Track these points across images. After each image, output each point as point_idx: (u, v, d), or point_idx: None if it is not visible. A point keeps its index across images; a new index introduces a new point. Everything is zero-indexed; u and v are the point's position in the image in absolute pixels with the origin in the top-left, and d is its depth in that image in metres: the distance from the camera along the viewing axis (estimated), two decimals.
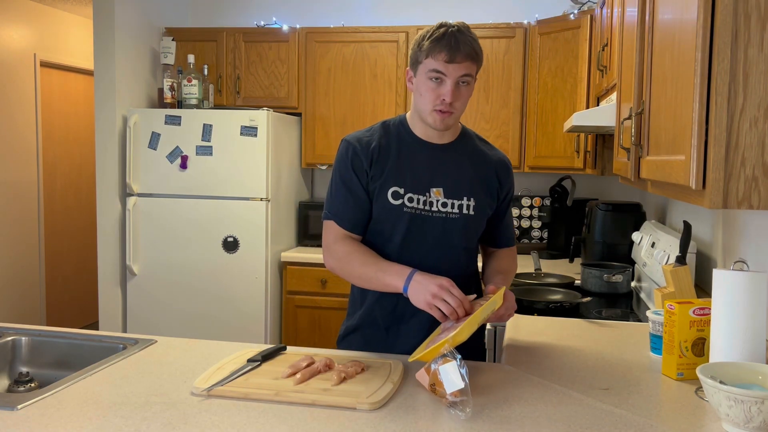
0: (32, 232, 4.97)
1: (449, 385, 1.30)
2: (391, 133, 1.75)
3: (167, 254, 3.66)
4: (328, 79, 3.89)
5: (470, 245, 1.79)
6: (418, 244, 1.72)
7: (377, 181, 1.71)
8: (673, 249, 2.10)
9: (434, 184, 1.71)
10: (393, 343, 1.76)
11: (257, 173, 3.56)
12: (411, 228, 1.71)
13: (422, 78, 1.64)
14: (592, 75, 3.28)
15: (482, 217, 1.77)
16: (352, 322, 1.84)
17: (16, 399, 1.33)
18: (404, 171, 1.71)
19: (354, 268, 1.70)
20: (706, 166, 1.09)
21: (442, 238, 1.72)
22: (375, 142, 1.72)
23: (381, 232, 1.74)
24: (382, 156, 1.71)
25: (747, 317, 1.36)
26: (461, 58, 1.60)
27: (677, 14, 1.28)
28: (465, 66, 1.61)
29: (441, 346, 1.38)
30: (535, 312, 2.26)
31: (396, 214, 1.70)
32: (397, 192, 1.70)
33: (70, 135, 5.43)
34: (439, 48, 1.59)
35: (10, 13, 4.70)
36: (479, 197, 1.74)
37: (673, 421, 1.28)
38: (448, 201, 1.72)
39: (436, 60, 1.60)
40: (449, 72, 1.61)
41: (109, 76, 3.70)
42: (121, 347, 1.73)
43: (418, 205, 1.70)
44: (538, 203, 3.94)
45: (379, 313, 1.78)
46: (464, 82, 1.63)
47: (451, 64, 1.60)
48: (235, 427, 1.21)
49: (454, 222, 1.72)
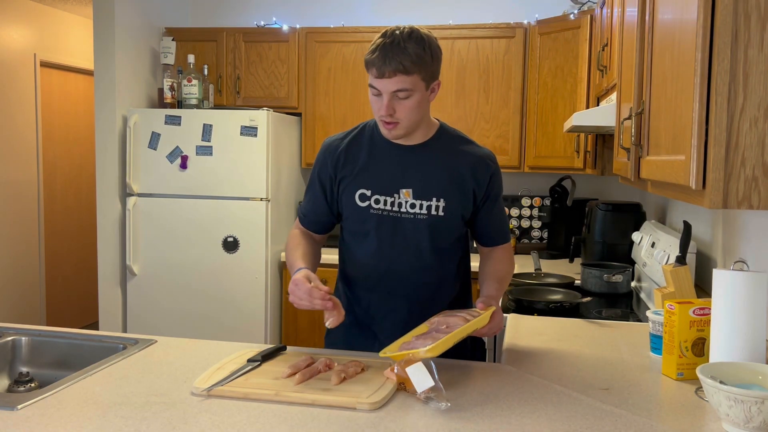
0: (32, 232, 4.97)
1: (419, 385, 1.33)
2: (365, 134, 1.78)
3: (167, 254, 3.66)
4: (328, 79, 3.89)
5: (442, 246, 1.77)
6: (389, 245, 1.74)
7: (345, 182, 1.75)
8: (673, 249, 2.10)
9: (404, 185, 1.72)
10: (372, 343, 1.77)
11: (257, 173, 3.56)
12: (380, 229, 1.73)
13: (369, 89, 1.66)
14: (592, 75, 3.28)
15: (454, 218, 1.75)
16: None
17: (16, 399, 1.33)
18: (373, 173, 1.73)
19: (286, 257, 1.78)
20: (706, 166, 1.09)
21: (411, 239, 1.74)
22: (343, 146, 1.76)
23: (357, 233, 1.78)
24: (349, 159, 1.75)
25: (747, 317, 1.36)
26: (390, 72, 1.57)
27: (677, 14, 1.28)
28: (396, 80, 1.57)
29: (406, 355, 1.40)
30: (535, 312, 2.26)
31: (364, 215, 1.74)
32: (364, 194, 1.73)
33: (70, 135, 5.43)
34: (371, 63, 1.59)
35: (10, 13, 4.70)
36: (451, 198, 1.73)
37: (673, 421, 1.28)
38: (417, 202, 1.72)
39: (371, 74, 1.60)
40: (381, 87, 1.60)
41: (109, 76, 3.70)
42: (121, 347, 1.73)
43: (385, 207, 1.72)
44: (538, 203, 3.94)
45: (357, 312, 1.82)
46: (402, 96, 1.60)
47: (380, 79, 1.59)
48: (235, 427, 1.21)
49: (422, 223, 1.72)
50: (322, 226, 1.84)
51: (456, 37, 3.74)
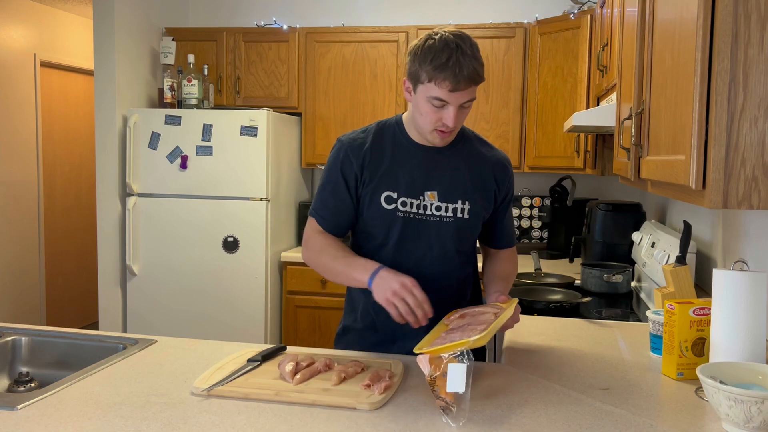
0: (32, 232, 4.97)
1: (451, 385, 1.27)
2: (386, 135, 1.73)
3: (167, 254, 3.66)
4: (328, 79, 3.89)
5: (465, 249, 1.77)
6: (412, 248, 1.71)
7: (370, 184, 1.69)
8: (673, 249, 2.10)
9: (428, 187, 1.70)
10: (390, 345, 1.75)
11: (257, 173, 3.56)
12: (405, 232, 1.70)
13: (422, 98, 1.58)
14: (592, 75, 3.28)
15: (477, 220, 1.75)
16: (349, 322, 1.84)
17: (16, 399, 1.33)
18: (398, 174, 1.69)
19: (325, 261, 1.70)
20: (706, 166, 1.09)
21: (436, 241, 1.71)
22: (368, 144, 1.70)
23: (375, 236, 1.73)
24: (374, 159, 1.69)
25: (747, 317, 1.36)
26: (465, 85, 1.53)
27: (677, 14, 1.28)
28: (469, 92, 1.55)
29: (459, 345, 1.33)
30: (535, 312, 2.26)
31: (389, 218, 1.69)
32: (390, 196, 1.69)
33: (70, 135, 5.43)
34: (444, 76, 1.51)
35: (10, 13, 4.70)
36: (474, 200, 1.73)
37: (673, 421, 1.28)
38: (442, 204, 1.70)
39: (440, 87, 1.53)
40: (453, 100, 1.55)
41: (109, 76, 3.70)
42: (121, 347, 1.73)
43: (411, 209, 1.69)
44: (538, 203, 3.94)
45: (375, 314, 1.77)
46: (467, 105, 1.59)
47: (455, 92, 1.54)
48: (235, 427, 1.21)
49: (448, 226, 1.71)
50: (346, 229, 1.76)
51: None
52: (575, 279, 2.87)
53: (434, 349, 1.37)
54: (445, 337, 1.46)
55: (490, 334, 1.40)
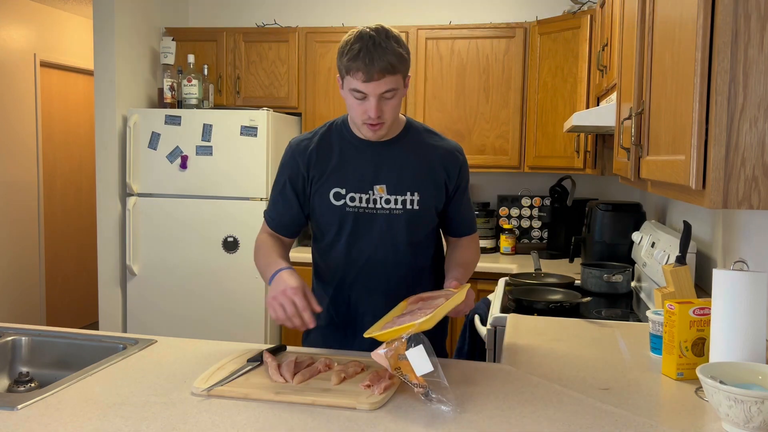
0: (32, 232, 4.97)
1: (419, 369, 1.30)
2: (333, 133, 1.78)
3: (167, 254, 3.66)
4: (328, 79, 3.88)
5: (417, 239, 1.79)
6: (364, 242, 1.75)
7: (317, 182, 1.74)
8: (673, 249, 2.10)
9: (377, 181, 1.73)
10: (351, 342, 1.78)
11: (257, 173, 3.56)
12: (355, 227, 1.74)
13: (347, 92, 1.63)
14: (592, 75, 3.28)
15: (428, 211, 1.77)
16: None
17: (16, 399, 1.33)
18: (346, 171, 1.73)
19: (257, 261, 1.78)
20: (706, 166, 1.09)
21: (387, 234, 1.75)
22: (314, 144, 1.76)
23: (328, 232, 1.78)
24: (321, 158, 1.74)
25: (747, 317, 1.36)
26: (378, 74, 1.56)
27: (677, 14, 1.28)
28: (385, 81, 1.57)
29: (405, 329, 1.36)
30: (535, 312, 2.26)
31: (339, 214, 1.74)
32: (339, 192, 1.73)
33: (70, 135, 5.43)
34: (356, 67, 1.56)
35: (10, 13, 4.70)
36: (425, 191, 1.75)
37: (673, 421, 1.28)
38: (391, 197, 1.73)
39: (355, 78, 1.57)
40: (369, 90, 1.58)
41: (109, 76, 3.70)
42: (121, 347, 1.73)
43: (360, 204, 1.73)
44: (538, 203, 3.94)
45: (334, 312, 1.82)
46: (388, 96, 1.61)
47: (369, 83, 1.57)
48: (235, 427, 1.21)
49: (398, 218, 1.74)
50: (294, 229, 1.83)
51: (456, 37, 3.73)
52: (575, 279, 2.86)
53: (383, 332, 1.40)
54: (394, 321, 1.49)
55: (435, 317, 1.42)
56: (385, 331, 1.40)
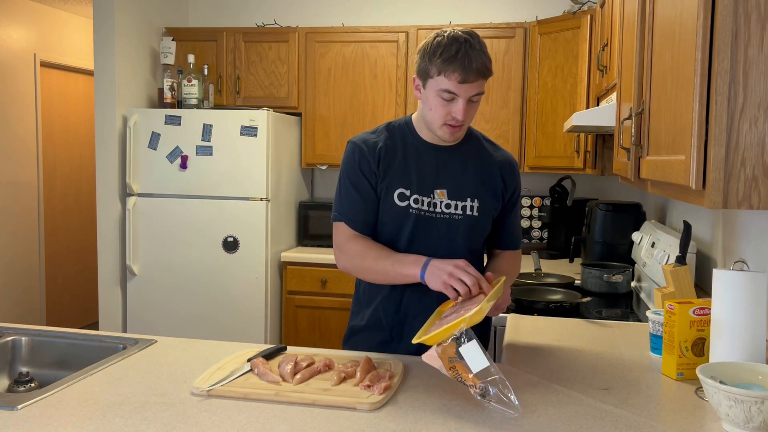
0: (32, 232, 4.97)
1: (474, 366, 1.26)
2: (395, 134, 1.76)
3: (167, 254, 3.66)
4: (328, 79, 3.89)
5: (474, 246, 1.79)
6: (422, 246, 1.71)
7: (383, 182, 1.72)
8: (673, 249, 2.10)
9: (438, 185, 1.72)
10: (397, 345, 1.76)
11: (257, 173, 3.56)
12: (416, 229, 1.72)
13: (432, 93, 1.62)
14: (592, 75, 3.28)
15: (486, 218, 1.77)
16: (357, 323, 1.84)
17: (16, 399, 1.33)
18: (410, 172, 1.72)
19: (369, 264, 1.69)
20: (706, 166, 1.09)
21: (446, 239, 1.73)
22: (381, 143, 1.73)
23: (387, 233, 1.74)
24: (388, 157, 1.72)
25: (747, 317, 1.36)
26: (474, 77, 1.57)
27: (677, 14, 1.28)
28: (477, 84, 1.60)
29: (456, 325, 1.32)
30: (535, 312, 2.26)
31: (402, 215, 1.71)
32: (403, 193, 1.71)
33: (70, 135, 5.43)
34: (453, 68, 1.56)
35: (10, 13, 4.70)
36: (483, 198, 1.75)
37: (673, 421, 1.28)
38: (452, 202, 1.72)
39: (449, 80, 1.57)
40: (462, 92, 1.59)
41: (109, 76, 3.69)
42: (121, 347, 1.73)
43: (422, 207, 1.71)
44: (538, 203, 3.94)
45: (383, 314, 1.78)
46: (475, 99, 1.63)
47: (464, 84, 1.58)
48: (235, 427, 1.21)
49: (458, 223, 1.73)
50: (373, 227, 1.76)
51: None
52: (575, 279, 2.87)
53: (432, 335, 1.36)
54: (440, 323, 1.46)
55: (482, 310, 1.38)
56: (435, 332, 1.36)
